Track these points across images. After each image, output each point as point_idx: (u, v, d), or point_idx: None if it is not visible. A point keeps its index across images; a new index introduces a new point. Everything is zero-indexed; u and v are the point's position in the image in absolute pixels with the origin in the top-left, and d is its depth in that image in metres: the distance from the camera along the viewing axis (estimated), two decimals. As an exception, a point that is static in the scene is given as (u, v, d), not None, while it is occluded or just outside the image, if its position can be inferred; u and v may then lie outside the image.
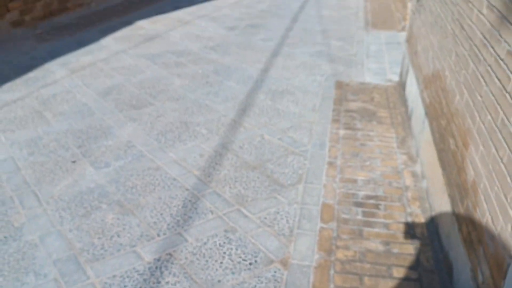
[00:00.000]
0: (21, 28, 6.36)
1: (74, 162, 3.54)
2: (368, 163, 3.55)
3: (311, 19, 8.04)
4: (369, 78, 5.38)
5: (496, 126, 1.99)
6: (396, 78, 5.34)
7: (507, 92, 1.90)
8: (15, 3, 6.28)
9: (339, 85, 5.15)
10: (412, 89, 4.20)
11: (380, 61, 5.97)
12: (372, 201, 3.08)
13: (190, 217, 2.92)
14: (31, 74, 5.10)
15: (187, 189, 3.21)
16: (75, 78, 5.08)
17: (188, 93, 4.84)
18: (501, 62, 2.01)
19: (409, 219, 2.91)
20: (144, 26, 7.24)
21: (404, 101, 4.60)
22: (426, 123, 3.42)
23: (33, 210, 2.98)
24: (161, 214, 2.96)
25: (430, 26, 3.70)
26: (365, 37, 7.03)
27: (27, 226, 2.84)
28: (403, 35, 6.91)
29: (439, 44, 3.29)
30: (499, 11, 2.11)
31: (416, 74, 4.08)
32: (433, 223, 2.88)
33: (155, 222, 2.88)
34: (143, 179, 3.33)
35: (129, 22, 7.36)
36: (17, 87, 4.77)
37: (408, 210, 3.01)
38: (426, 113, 3.47)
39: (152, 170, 3.44)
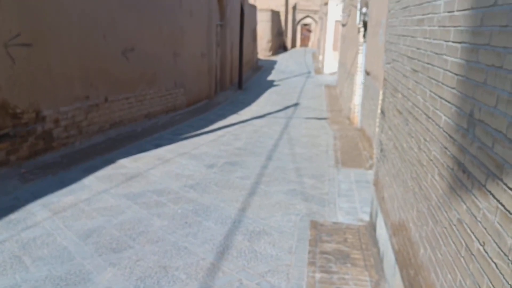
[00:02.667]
0: (6, 168, 6.57)
1: (51, 312, 3.51)
2: (344, 309, 3.63)
3: (284, 157, 8.56)
4: (342, 218, 5.65)
5: (456, 286, 2.19)
6: (366, 217, 5.62)
7: (461, 256, 2.13)
8: (3, 144, 6.57)
9: (314, 225, 5.38)
10: (382, 232, 4.45)
11: (351, 200, 6.32)
12: None
13: None
14: (13, 216, 5.19)
15: None
16: (57, 219, 5.18)
17: (167, 234, 4.97)
18: (454, 227, 2.28)
19: None
20: (126, 164, 7.56)
21: (375, 242, 4.82)
22: (397, 269, 3.60)
23: None
24: None
25: (393, 177, 4.08)
26: (336, 175, 7.48)
27: None
28: (371, 173, 7.39)
29: (402, 196, 3.62)
30: (448, 181, 2.44)
31: (385, 219, 4.36)
32: None
33: None
34: (122, 331, 3.31)
35: (111, 161, 7.68)
36: (-3, 230, 4.83)
37: None
38: (396, 259, 3.67)
39: (130, 321, 3.43)
